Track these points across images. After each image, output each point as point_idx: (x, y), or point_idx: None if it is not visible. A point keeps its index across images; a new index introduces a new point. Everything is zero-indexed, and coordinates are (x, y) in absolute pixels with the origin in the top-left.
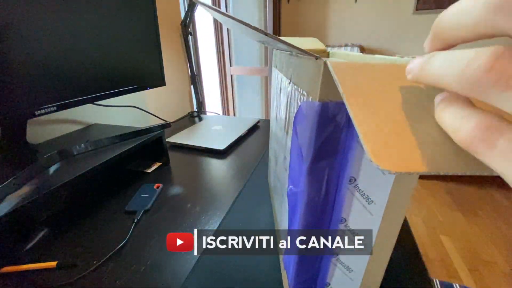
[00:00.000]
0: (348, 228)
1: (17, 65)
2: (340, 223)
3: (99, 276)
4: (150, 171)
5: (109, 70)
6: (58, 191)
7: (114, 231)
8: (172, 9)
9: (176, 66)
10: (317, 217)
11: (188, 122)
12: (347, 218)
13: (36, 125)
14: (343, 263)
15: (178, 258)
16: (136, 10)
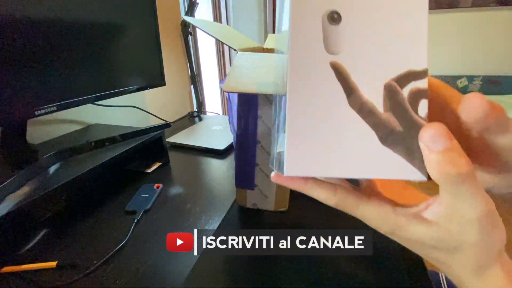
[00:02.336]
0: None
1: (17, 64)
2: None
3: (99, 276)
4: (150, 171)
5: (109, 70)
6: (58, 191)
7: (114, 231)
8: (172, 9)
9: (176, 66)
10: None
11: (188, 122)
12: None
13: (36, 125)
14: (263, 171)
15: (178, 258)
16: (136, 10)
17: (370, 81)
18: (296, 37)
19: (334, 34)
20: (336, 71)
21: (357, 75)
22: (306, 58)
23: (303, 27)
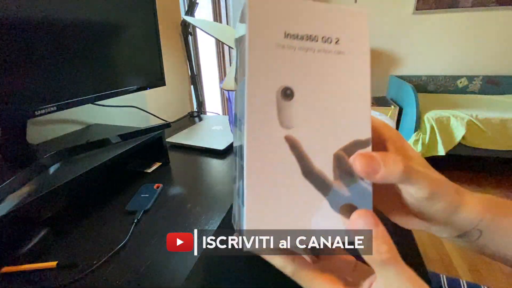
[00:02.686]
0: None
1: (17, 64)
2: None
3: (99, 276)
4: (150, 171)
5: (109, 70)
6: (58, 191)
7: (114, 231)
8: (172, 9)
9: (176, 66)
10: None
11: (188, 122)
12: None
13: (36, 125)
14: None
15: (178, 258)
16: (136, 10)
17: (321, 151)
18: (252, 113)
19: (287, 109)
20: (290, 144)
21: (310, 146)
22: (262, 133)
23: (259, 103)
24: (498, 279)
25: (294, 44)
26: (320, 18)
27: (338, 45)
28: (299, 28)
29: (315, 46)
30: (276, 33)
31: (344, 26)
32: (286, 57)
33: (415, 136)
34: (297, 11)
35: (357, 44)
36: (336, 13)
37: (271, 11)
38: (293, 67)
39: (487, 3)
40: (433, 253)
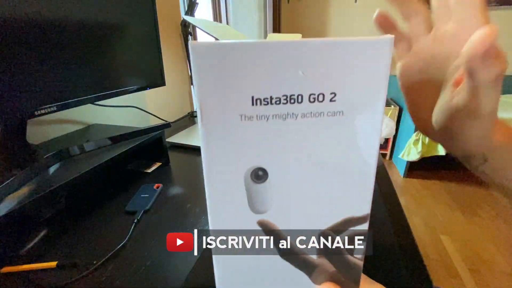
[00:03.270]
0: None
1: (17, 64)
2: None
3: (99, 276)
4: (150, 171)
5: (109, 70)
6: (58, 191)
7: (114, 231)
8: (172, 9)
9: (176, 66)
10: None
11: (188, 122)
12: None
13: (36, 125)
14: None
15: (178, 258)
16: (136, 10)
17: (304, 232)
18: (214, 203)
19: (260, 193)
20: (265, 229)
21: (289, 227)
22: (229, 222)
23: (221, 191)
24: (498, 279)
25: (266, 112)
26: (309, 65)
27: (333, 103)
28: (274, 88)
29: (298, 110)
30: (240, 101)
31: (346, 71)
32: (255, 131)
33: (415, 136)
34: (273, 59)
35: (366, 97)
36: (335, 50)
37: (231, 66)
38: (266, 143)
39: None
40: (433, 253)
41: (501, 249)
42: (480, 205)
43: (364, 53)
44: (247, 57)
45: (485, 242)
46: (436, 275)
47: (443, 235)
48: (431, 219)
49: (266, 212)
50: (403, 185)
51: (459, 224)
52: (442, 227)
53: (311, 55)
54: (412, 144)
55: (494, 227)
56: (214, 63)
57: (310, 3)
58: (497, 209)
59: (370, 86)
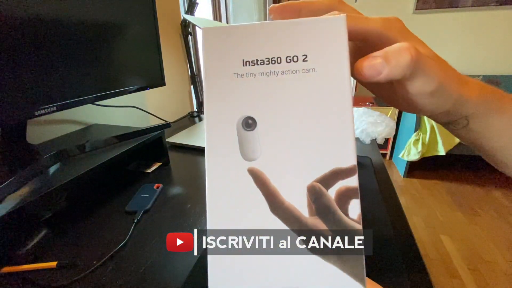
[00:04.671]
0: None
1: (17, 64)
2: None
3: (99, 276)
4: (150, 171)
5: (109, 70)
6: (58, 191)
7: (114, 231)
8: (172, 9)
9: (176, 66)
10: None
11: (188, 122)
12: None
13: (36, 125)
14: None
15: (178, 258)
16: (136, 10)
17: (292, 184)
18: (211, 147)
19: (250, 140)
20: (255, 178)
21: (278, 179)
22: (223, 168)
23: (217, 136)
24: (498, 279)
25: (253, 71)
26: (283, 37)
27: (306, 63)
28: (258, 53)
29: (278, 68)
30: (233, 63)
31: (312, 39)
32: (245, 86)
33: (415, 136)
34: (256, 35)
35: (330, 57)
36: (302, 26)
37: (227, 40)
38: (254, 95)
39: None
40: (433, 253)
41: (501, 249)
42: (480, 205)
43: (324, 28)
44: (240, 34)
45: (485, 242)
46: (436, 275)
47: (443, 235)
48: (431, 219)
49: (255, 160)
50: (403, 185)
51: (459, 224)
52: (442, 227)
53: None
54: (412, 144)
55: (494, 227)
56: (217, 40)
57: None
58: (497, 209)
59: (333, 49)
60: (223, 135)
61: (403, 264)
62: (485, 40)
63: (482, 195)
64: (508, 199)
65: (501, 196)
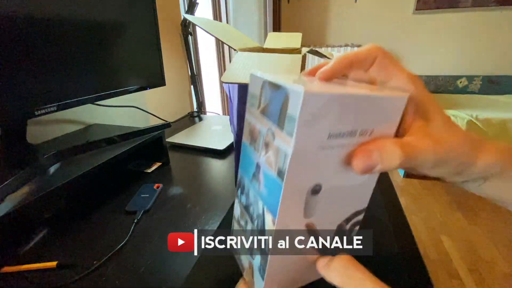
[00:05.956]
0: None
1: (17, 64)
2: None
3: (99, 276)
4: (150, 171)
5: (109, 70)
6: (58, 191)
7: (114, 231)
8: (172, 9)
9: (176, 66)
10: None
11: (188, 122)
12: None
13: (36, 125)
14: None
15: (178, 258)
16: (136, 9)
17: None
18: (284, 210)
19: (313, 203)
20: (309, 230)
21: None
22: (289, 225)
23: (290, 201)
24: (498, 279)
25: (334, 144)
26: (363, 111)
27: (370, 136)
28: (343, 127)
29: (353, 141)
30: (321, 136)
31: (381, 115)
32: (324, 157)
33: None
34: (346, 106)
35: (387, 128)
36: (380, 101)
37: (322, 109)
38: (328, 165)
39: (487, 3)
40: (433, 253)
41: (501, 249)
42: (480, 205)
43: (391, 104)
44: (334, 103)
45: (485, 242)
46: (436, 275)
47: (443, 235)
48: (431, 219)
49: (312, 217)
50: (403, 185)
51: (459, 224)
52: (442, 227)
53: (368, 106)
54: None
55: (494, 227)
56: (314, 108)
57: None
58: (497, 209)
59: (389, 125)
60: (296, 199)
61: (403, 264)
62: (485, 40)
63: None
64: None
65: None
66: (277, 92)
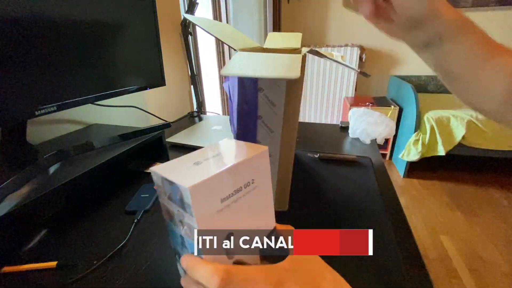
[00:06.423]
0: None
1: (17, 64)
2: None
3: (99, 276)
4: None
5: (109, 70)
6: (58, 191)
7: (114, 231)
8: (172, 9)
9: (176, 66)
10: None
11: (188, 122)
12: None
13: (36, 125)
14: (266, 124)
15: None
16: (136, 10)
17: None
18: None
19: (230, 245)
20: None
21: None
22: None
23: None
24: (498, 279)
25: (228, 202)
26: (241, 173)
27: (254, 183)
28: (228, 190)
29: (242, 194)
30: (215, 204)
31: (255, 167)
32: (225, 215)
33: (415, 136)
34: (224, 179)
35: (264, 175)
36: (249, 161)
37: (208, 189)
38: (231, 217)
39: (487, 3)
40: (433, 253)
41: (501, 249)
42: (480, 205)
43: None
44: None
45: (485, 242)
46: (436, 275)
47: (443, 235)
48: (431, 219)
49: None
50: (403, 185)
51: (459, 224)
52: (442, 227)
53: (240, 170)
54: (412, 144)
55: (494, 227)
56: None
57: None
58: (497, 209)
59: (264, 170)
60: (217, 251)
61: (403, 264)
62: None
63: (482, 195)
64: (508, 199)
65: (501, 197)
66: (173, 186)
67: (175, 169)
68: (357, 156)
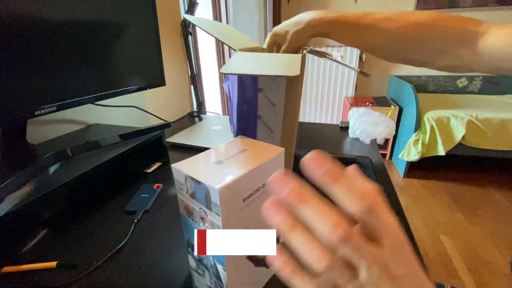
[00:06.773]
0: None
1: (17, 64)
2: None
3: (99, 276)
4: (150, 171)
5: (109, 70)
6: (58, 191)
7: (114, 231)
8: (172, 9)
9: (176, 66)
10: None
11: (188, 122)
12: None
13: (36, 125)
14: (266, 124)
15: (178, 258)
16: (136, 10)
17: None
18: (229, 258)
19: None
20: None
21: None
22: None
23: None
24: (498, 279)
25: (248, 202)
26: (261, 174)
27: (265, 187)
28: (250, 190)
29: (259, 193)
30: (238, 203)
31: (273, 168)
32: (245, 214)
33: (415, 136)
34: (247, 180)
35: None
36: (269, 162)
37: (232, 190)
38: (249, 216)
39: (487, 3)
40: (433, 253)
41: (501, 249)
42: (480, 205)
43: (274, 161)
44: (239, 183)
45: (485, 242)
46: (436, 275)
47: (443, 235)
48: (431, 219)
49: None
50: (403, 185)
51: (459, 224)
52: (442, 227)
53: (259, 172)
54: (412, 144)
55: (494, 227)
56: (228, 193)
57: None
58: (497, 209)
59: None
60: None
61: None
62: None
63: (482, 195)
64: (508, 199)
65: (501, 197)
66: (199, 186)
67: (198, 168)
68: (357, 156)
